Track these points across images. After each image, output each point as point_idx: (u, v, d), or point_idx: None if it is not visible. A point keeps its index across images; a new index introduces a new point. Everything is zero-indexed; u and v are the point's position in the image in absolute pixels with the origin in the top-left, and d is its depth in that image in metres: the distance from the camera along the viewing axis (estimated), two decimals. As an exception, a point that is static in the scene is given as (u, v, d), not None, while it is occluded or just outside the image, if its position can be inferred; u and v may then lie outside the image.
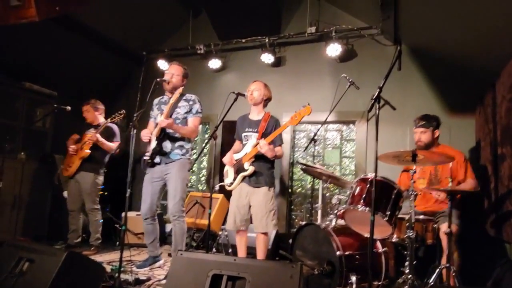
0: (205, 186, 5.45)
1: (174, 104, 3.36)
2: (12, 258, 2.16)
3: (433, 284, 2.58)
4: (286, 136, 4.67)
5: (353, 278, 2.57)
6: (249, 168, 3.17)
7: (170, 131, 3.35)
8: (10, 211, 4.29)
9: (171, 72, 3.45)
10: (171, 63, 3.61)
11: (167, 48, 5.47)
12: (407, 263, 2.59)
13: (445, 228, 2.69)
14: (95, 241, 4.16)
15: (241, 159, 3.24)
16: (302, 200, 4.92)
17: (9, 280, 2.08)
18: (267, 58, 4.89)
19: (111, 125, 4.19)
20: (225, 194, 4.11)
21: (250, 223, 3.28)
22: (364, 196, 2.73)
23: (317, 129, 4.03)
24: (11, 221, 4.30)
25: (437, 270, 2.66)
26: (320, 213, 3.54)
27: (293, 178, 5.01)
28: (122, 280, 2.79)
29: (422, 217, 2.95)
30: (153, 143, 3.36)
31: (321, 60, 4.76)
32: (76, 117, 4.32)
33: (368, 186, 2.76)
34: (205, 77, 5.42)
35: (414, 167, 2.63)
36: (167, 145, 3.37)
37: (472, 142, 4.01)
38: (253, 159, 3.19)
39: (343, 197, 3.20)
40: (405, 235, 2.62)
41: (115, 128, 4.26)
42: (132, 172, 2.79)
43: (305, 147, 4.14)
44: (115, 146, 4.20)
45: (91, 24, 4.83)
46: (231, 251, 3.88)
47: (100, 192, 4.31)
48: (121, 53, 5.58)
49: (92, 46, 5.09)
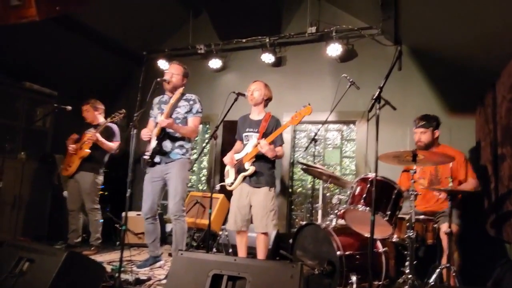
0: (206, 186, 5.45)
1: (175, 104, 3.36)
2: (12, 258, 2.16)
3: (433, 284, 2.58)
4: (287, 136, 4.66)
5: (354, 278, 2.57)
6: (250, 168, 3.17)
7: (170, 131, 3.35)
8: (10, 211, 4.29)
9: (171, 72, 3.45)
10: (171, 63, 3.61)
11: (168, 48, 5.47)
12: (408, 263, 2.59)
13: (446, 228, 2.69)
14: (95, 241, 4.16)
15: (242, 159, 3.24)
16: (303, 200, 4.92)
17: (9, 280, 2.08)
18: (268, 58, 4.89)
19: (111, 125, 4.19)
20: (226, 194, 4.11)
21: (251, 223, 3.28)
22: (365, 196, 2.74)
23: (318, 129, 4.04)
24: (11, 221, 4.30)
25: (437, 270, 2.66)
26: (321, 213, 3.55)
27: (294, 178, 5.01)
28: (123, 280, 2.79)
29: (423, 217, 2.95)
30: (153, 143, 3.36)
31: (322, 60, 4.76)
32: (76, 117, 4.31)
33: (369, 186, 2.76)
34: (206, 77, 5.42)
35: (415, 167, 2.63)
36: (167, 145, 3.37)
37: (472, 142, 4.01)
38: (254, 159, 3.18)
39: (344, 197, 3.21)
40: (406, 235, 2.62)
41: (115, 128, 4.25)
42: (133, 172, 2.79)
43: (306, 147, 4.15)
44: (115, 146, 4.20)
45: (91, 24, 4.83)
46: (232, 251, 3.88)
47: (100, 192, 4.31)
48: (121, 53, 5.58)
49: (92, 46, 5.09)
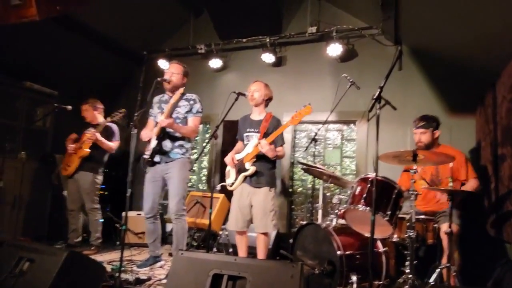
0: (206, 186, 5.45)
1: (175, 104, 3.36)
2: (12, 258, 2.16)
3: (434, 284, 2.58)
4: (287, 136, 4.66)
5: (354, 278, 2.57)
6: (250, 168, 3.16)
7: (171, 131, 3.35)
8: (10, 211, 4.29)
9: (171, 71, 3.45)
10: (171, 62, 3.62)
11: (168, 48, 5.46)
12: (408, 263, 2.59)
13: (446, 228, 2.69)
14: (96, 241, 4.16)
15: (243, 159, 3.23)
16: (303, 200, 4.92)
17: (9, 280, 2.08)
18: (268, 58, 4.89)
19: (111, 125, 4.19)
20: (227, 194, 4.11)
21: (251, 223, 3.28)
22: (365, 196, 2.74)
23: (318, 129, 4.04)
24: (11, 221, 4.29)
25: (438, 270, 2.66)
26: (321, 213, 3.55)
27: (294, 178, 5.01)
28: (123, 280, 2.79)
29: (423, 217, 2.96)
30: (153, 142, 3.36)
31: (322, 60, 4.76)
32: (77, 117, 4.31)
33: (369, 186, 2.76)
34: (206, 77, 5.42)
35: (415, 167, 2.63)
36: (167, 144, 3.37)
37: (473, 142, 4.01)
38: (255, 159, 3.18)
39: (344, 197, 3.20)
40: (406, 235, 2.62)
41: (115, 128, 4.25)
42: (133, 172, 2.78)
43: (306, 147, 4.14)
44: (115, 146, 4.20)
45: (92, 24, 4.83)
46: (232, 251, 3.88)
47: (101, 192, 4.31)
48: (122, 53, 5.57)
49: (93, 46, 5.09)
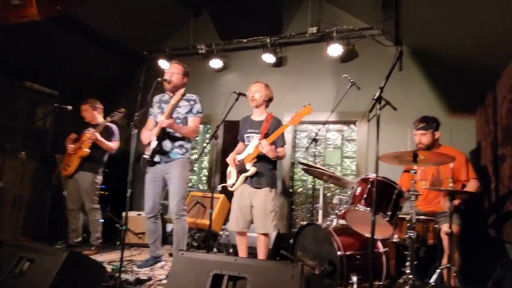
0: (206, 186, 5.44)
1: (175, 104, 3.36)
2: (12, 258, 2.16)
3: (434, 284, 2.58)
4: (288, 136, 4.65)
5: (354, 278, 2.57)
6: (251, 169, 3.16)
7: (171, 131, 3.35)
8: (11, 211, 4.29)
9: (171, 71, 3.45)
10: (171, 62, 3.61)
11: (168, 48, 5.46)
12: (408, 263, 2.59)
13: (446, 229, 2.69)
14: (96, 241, 4.16)
15: (243, 160, 3.23)
16: (303, 200, 4.91)
17: (9, 280, 2.08)
18: (268, 58, 4.89)
19: (110, 125, 4.18)
20: (227, 195, 4.10)
21: (252, 224, 3.28)
22: (365, 196, 2.74)
23: (318, 129, 4.04)
24: (12, 221, 4.29)
25: (438, 270, 2.66)
26: (321, 213, 3.55)
27: (294, 178, 5.01)
28: (123, 280, 2.78)
29: (423, 217, 2.95)
30: (153, 142, 3.36)
31: (322, 60, 4.76)
32: (77, 117, 4.31)
33: (369, 186, 2.76)
34: (206, 77, 5.41)
35: (415, 167, 2.63)
36: (167, 144, 3.37)
37: (473, 143, 4.01)
38: (255, 160, 3.18)
39: (344, 197, 3.20)
40: (406, 235, 2.62)
41: (114, 128, 4.25)
42: (133, 172, 2.78)
43: (306, 147, 4.15)
44: (115, 146, 4.20)
45: (92, 24, 4.83)
46: (232, 251, 3.88)
47: (101, 192, 4.31)
48: (122, 53, 5.57)
49: (93, 46, 5.08)
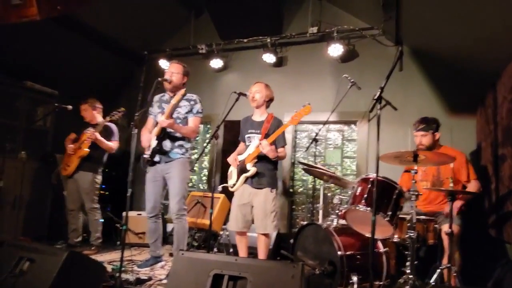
0: (207, 186, 5.44)
1: (176, 104, 3.36)
2: (13, 258, 2.15)
3: (434, 284, 2.58)
4: (288, 136, 4.65)
5: (354, 278, 2.57)
6: (251, 169, 3.16)
7: (171, 131, 3.35)
8: (11, 211, 4.28)
9: (171, 71, 3.45)
10: (171, 62, 3.61)
11: (169, 48, 5.46)
12: (408, 263, 2.59)
13: (446, 229, 2.68)
14: (96, 241, 4.16)
15: (244, 160, 3.23)
16: (304, 200, 4.91)
17: (9, 280, 2.07)
18: (269, 58, 4.89)
19: (110, 124, 4.18)
20: (228, 195, 4.10)
21: (252, 224, 3.28)
22: (366, 196, 2.74)
23: (319, 129, 4.04)
24: (12, 221, 4.28)
25: (438, 270, 2.66)
26: (322, 213, 3.54)
27: (295, 178, 5.01)
28: (123, 280, 2.78)
29: (423, 217, 2.95)
30: (153, 142, 3.36)
31: (323, 60, 4.76)
32: (77, 117, 4.31)
33: (370, 186, 2.76)
34: (207, 77, 5.41)
35: (416, 167, 2.63)
36: (167, 144, 3.37)
37: (473, 143, 4.01)
38: (256, 160, 3.18)
39: (345, 197, 3.20)
40: (407, 235, 2.62)
41: (114, 128, 4.25)
42: (133, 172, 2.78)
43: (307, 147, 4.15)
44: (115, 146, 4.19)
45: (92, 24, 4.83)
46: (232, 251, 3.88)
47: (101, 192, 4.31)
48: (122, 53, 5.58)
49: (93, 46, 5.09)
